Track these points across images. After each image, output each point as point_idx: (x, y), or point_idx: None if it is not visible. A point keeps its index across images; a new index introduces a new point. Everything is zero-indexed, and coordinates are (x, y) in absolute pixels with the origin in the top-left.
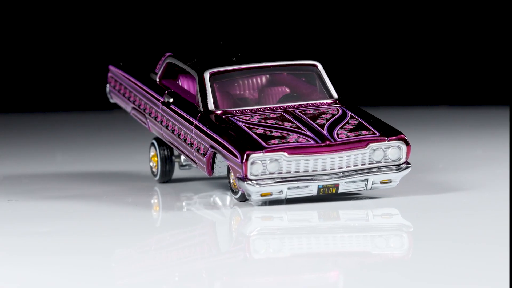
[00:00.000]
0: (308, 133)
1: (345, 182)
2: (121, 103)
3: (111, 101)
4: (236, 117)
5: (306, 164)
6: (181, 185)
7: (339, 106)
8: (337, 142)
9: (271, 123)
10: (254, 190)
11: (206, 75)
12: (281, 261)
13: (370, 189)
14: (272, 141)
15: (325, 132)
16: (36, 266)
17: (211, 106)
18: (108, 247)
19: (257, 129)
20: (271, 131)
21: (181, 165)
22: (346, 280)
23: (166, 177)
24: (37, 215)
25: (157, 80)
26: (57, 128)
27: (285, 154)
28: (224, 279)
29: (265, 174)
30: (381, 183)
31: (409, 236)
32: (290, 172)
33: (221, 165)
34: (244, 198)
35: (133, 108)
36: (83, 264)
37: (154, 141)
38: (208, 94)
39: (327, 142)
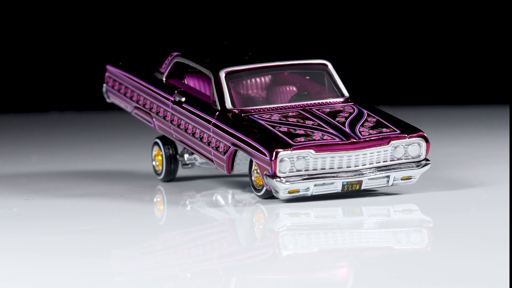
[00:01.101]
0: (331, 130)
1: (368, 179)
2: (120, 102)
3: (108, 101)
4: (256, 116)
5: (332, 161)
6: (185, 184)
7: (353, 105)
8: (361, 140)
9: (293, 121)
10: (282, 187)
11: (222, 74)
12: (307, 256)
13: (391, 185)
14: (298, 138)
15: (347, 129)
16: (39, 265)
17: (228, 105)
18: (127, 245)
19: (280, 127)
20: (295, 129)
21: (184, 164)
22: (367, 275)
23: (170, 175)
24: (56, 213)
25: (164, 79)
26: (50, 128)
27: (312, 151)
28: (240, 275)
29: (292, 172)
30: (401, 179)
31: (429, 232)
32: (316, 169)
33: (240, 163)
34: (267, 196)
35: (136, 107)
36: (102, 263)
37: (158, 140)
38: (225, 93)
39: (352, 140)
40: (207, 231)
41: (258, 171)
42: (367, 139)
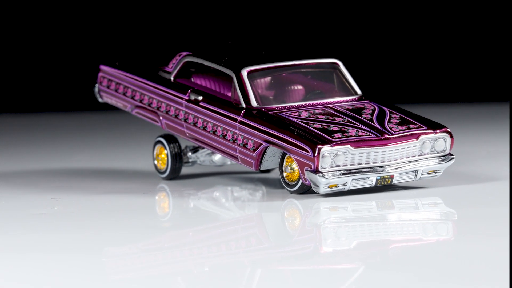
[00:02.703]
0: (363, 127)
1: (399, 174)
2: (117, 102)
3: (100, 100)
4: (284, 113)
5: (368, 157)
6: (187, 181)
7: (370, 102)
8: (394, 135)
9: (323, 118)
10: (324, 182)
11: (244, 73)
12: (347, 249)
13: (419, 179)
14: (336, 135)
15: (378, 126)
16: (39, 262)
17: (254, 103)
18: (144, 241)
19: (313, 124)
20: (329, 126)
21: (185, 162)
22: (400, 266)
23: (175, 173)
24: (105, 210)
25: (172, 78)
26: (41, 128)
27: (350, 147)
28: (267, 267)
29: (332, 167)
30: (428, 173)
31: (454, 224)
32: (353, 165)
33: (268, 160)
34: (301, 191)
35: (138, 106)
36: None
37: (162, 139)
38: (249, 92)
39: (385, 136)
40: (235, 227)
41: (293, 167)
42: (400, 134)
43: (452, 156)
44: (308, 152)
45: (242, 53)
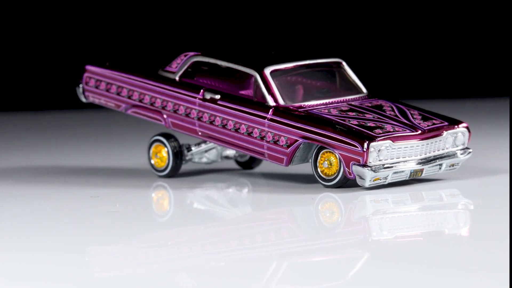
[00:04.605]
0: (395, 123)
1: (428, 167)
2: (107, 102)
3: (85, 101)
4: (315, 111)
5: (405, 151)
6: (184, 179)
7: (381, 100)
8: (426, 130)
9: (354, 115)
10: (371, 176)
11: (267, 72)
12: (391, 238)
13: (441, 172)
14: (376, 130)
15: (407, 122)
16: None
17: (281, 101)
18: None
19: (350, 120)
20: (365, 122)
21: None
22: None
23: (175, 171)
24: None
25: (177, 78)
26: (32, 127)
27: (391, 142)
28: (293, 259)
29: (375, 161)
30: (449, 166)
31: (471, 214)
32: (392, 159)
33: (298, 156)
34: (339, 185)
35: (136, 106)
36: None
37: (161, 137)
38: (274, 90)
39: (419, 131)
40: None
41: (331, 161)
42: (430, 129)
43: (469, 150)
44: (357, 147)
45: (253, 52)
